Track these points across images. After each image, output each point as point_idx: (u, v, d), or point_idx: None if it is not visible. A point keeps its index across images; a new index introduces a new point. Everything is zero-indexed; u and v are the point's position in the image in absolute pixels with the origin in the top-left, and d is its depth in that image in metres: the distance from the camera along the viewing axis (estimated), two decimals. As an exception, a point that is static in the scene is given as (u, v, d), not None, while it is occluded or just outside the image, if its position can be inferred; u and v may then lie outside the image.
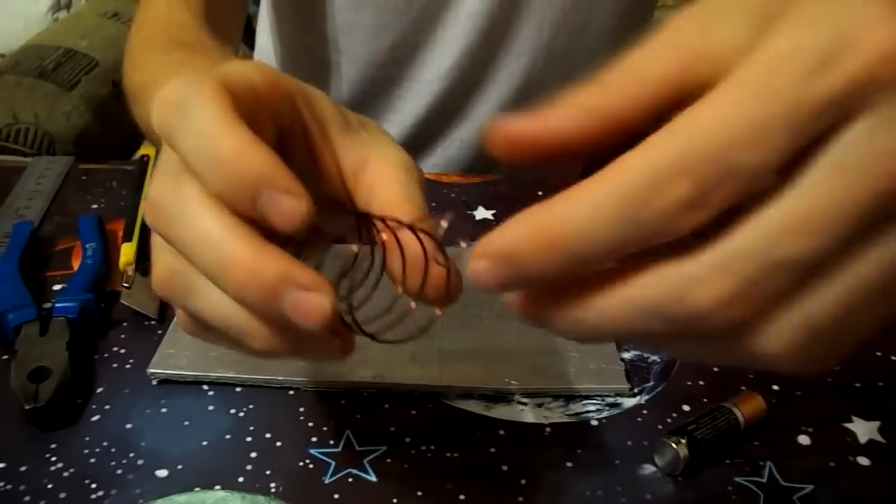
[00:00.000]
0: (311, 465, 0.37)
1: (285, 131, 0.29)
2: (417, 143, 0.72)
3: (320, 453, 0.38)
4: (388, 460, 0.37)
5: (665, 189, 0.18)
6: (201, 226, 0.25)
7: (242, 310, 0.26)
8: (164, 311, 0.46)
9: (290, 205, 0.24)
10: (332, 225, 0.28)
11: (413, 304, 0.28)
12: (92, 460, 0.37)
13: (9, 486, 0.35)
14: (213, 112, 0.24)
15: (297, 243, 0.27)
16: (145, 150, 0.57)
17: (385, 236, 0.27)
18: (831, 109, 0.18)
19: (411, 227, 0.27)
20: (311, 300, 0.24)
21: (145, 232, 0.48)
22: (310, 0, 0.68)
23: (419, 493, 0.36)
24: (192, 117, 0.24)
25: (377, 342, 0.28)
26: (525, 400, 0.41)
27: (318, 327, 0.24)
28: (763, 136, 0.18)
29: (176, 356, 0.42)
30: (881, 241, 0.19)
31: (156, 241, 0.28)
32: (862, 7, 0.18)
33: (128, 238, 0.48)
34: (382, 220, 0.27)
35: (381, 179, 0.29)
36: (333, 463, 0.37)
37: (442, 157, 0.73)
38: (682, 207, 0.18)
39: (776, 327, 0.19)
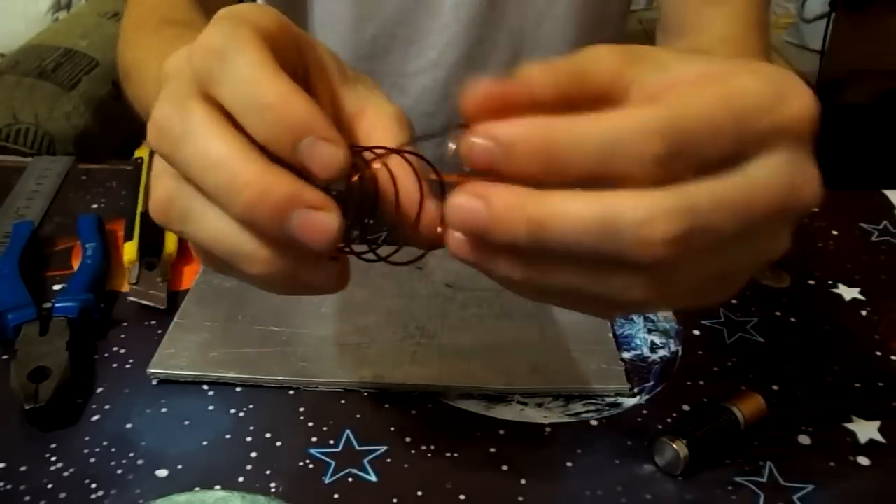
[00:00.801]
0: (311, 465, 0.37)
1: (288, 74, 0.30)
2: None
3: (320, 453, 0.38)
4: (388, 460, 0.37)
5: (645, 141, 0.23)
6: (210, 146, 0.26)
7: (243, 232, 0.27)
8: (175, 301, 0.46)
9: (329, 152, 0.25)
10: None
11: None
12: (92, 460, 0.37)
13: (9, 486, 0.35)
14: (255, 60, 0.26)
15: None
16: (141, 152, 0.57)
17: (378, 165, 0.28)
18: (756, 136, 0.24)
19: (402, 154, 0.28)
20: (320, 218, 0.25)
21: (146, 229, 0.48)
22: None
23: (419, 493, 0.36)
24: (234, 65, 0.26)
25: (379, 262, 0.29)
26: (525, 400, 0.41)
27: (326, 246, 0.26)
28: (718, 135, 0.24)
29: (176, 356, 0.42)
30: (763, 235, 0.26)
31: (157, 166, 0.28)
32: (789, 78, 0.25)
33: (129, 237, 0.48)
34: (373, 149, 0.28)
35: (378, 128, 0.31)
36: (333, 463, 0.37)
37: (432, 155, 0.73)
38: (651, 160, 0.23)
39: (679, 274, 0.25)
